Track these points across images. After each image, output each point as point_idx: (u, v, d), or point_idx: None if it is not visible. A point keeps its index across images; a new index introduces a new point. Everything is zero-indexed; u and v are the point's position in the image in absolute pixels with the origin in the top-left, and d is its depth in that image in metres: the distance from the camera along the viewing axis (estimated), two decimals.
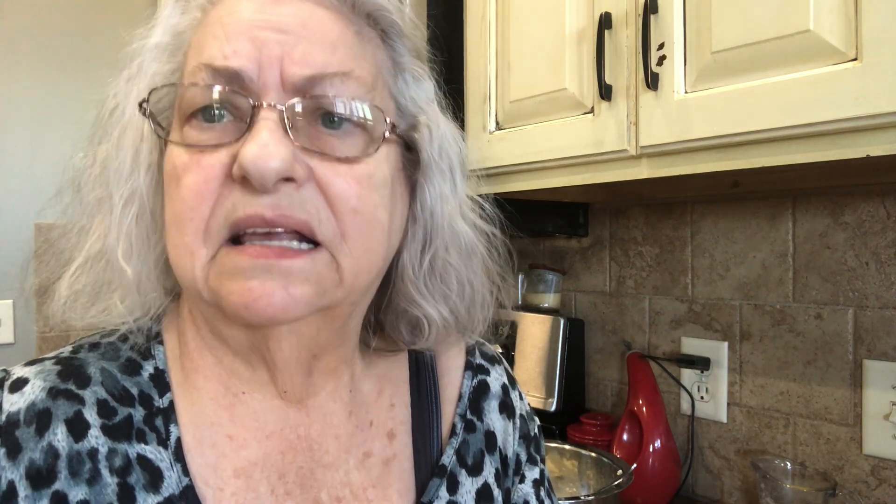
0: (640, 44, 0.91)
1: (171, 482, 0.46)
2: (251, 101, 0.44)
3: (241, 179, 0.42)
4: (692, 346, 1.29)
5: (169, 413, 0.48)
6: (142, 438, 0.47)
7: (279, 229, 0.43)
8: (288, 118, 0.44)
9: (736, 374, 1.24)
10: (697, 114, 0.85)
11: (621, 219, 1.44)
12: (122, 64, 0.51)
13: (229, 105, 0.44)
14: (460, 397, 0.60)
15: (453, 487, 0.55)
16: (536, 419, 0.66)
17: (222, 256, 0.44)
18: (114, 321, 0.49)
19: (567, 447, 1.17)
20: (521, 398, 0.65)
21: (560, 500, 1.07)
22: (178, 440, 0.48)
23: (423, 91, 0.54)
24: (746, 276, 1.22)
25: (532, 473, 0.62)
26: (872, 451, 1.06)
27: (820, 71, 0.75)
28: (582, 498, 1.03)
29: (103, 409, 0.46)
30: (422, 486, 0.55)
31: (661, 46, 0.89)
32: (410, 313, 0.56)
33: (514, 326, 1.47)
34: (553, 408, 1.37)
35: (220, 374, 0.51)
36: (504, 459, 0.60)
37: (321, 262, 0.45)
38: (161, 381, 0.49)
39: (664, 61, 0.89)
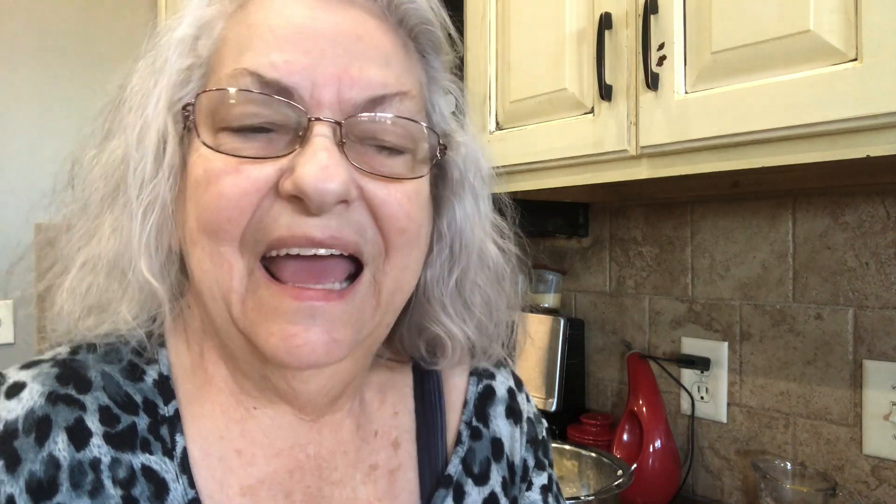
0: (640, 44, 0.91)
1: (177, 495, 0.44)
2: (306, 115, 0.41)
3: (291, 197, 0.41)
4: (692, 346, 1.29)
5: (175, 422, 0.46)
6: (146, 448, 0.45)
7: (323, 251, 0.42)
8: (343, 137, 0.42)
9: (736, 374, 1.24)
10: (697, 114, 0.85)
11: (621, 219, 1.44)
12: (134, 54, 0.48)
13: (278, 117, 0.42)
14: (465, 404, 0.58)
15: (459, 498, 0.54)
16: (544, 421, 0.64)
17: (263, 287, 0.42)
18: (119, 328, 0.47)
19: (567, 447, 1.17)
20: (528, 401, 0.63)
21: None
22: (185, 451, 0.46)
23: (450, 105, 0.53)
24: (746, 276, 1.22)
25: (540, 479, 0.61)
26: (872, 451, 1.06)
27: (820, 71, 0.75)
28: (582, 498, 1.03)
29: (105, 415, 0.44)
30: (427, 497, 0.53)
31: (661, 46, 0.89)
32: (432, 331, 0.54)
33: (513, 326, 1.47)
34: (553, 408, 1.37)
35: (232, 388, 0.49)
36: (511, 466, 0.58)
37: (362, 291, 0.44)
38: (166, 388, 0.47)
39: (664, 61, 0.89)
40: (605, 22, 0.95)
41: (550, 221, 1.43)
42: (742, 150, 0.83)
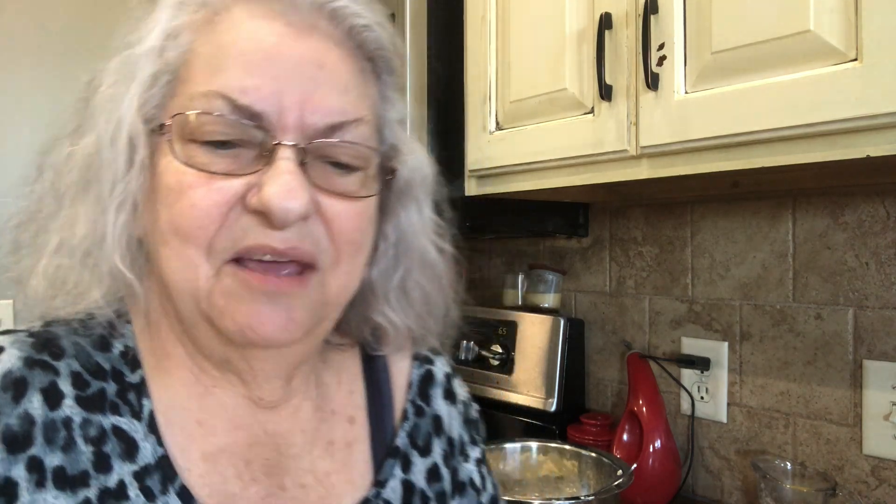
0: (640, 44, 0.91)
1: (147, 452, 0.48)
2: (272, 139, 0.46)
3: (257, 211, 0.45)
4: (692, 346, 1.29)
5: (141, 388, 0.50)
6: (115, 410, 0.48)
7: (285, 259, 0.47)
8: (304, 158, 0.47)
9: (736, 374, 1.24)
10: (697, 114, 0.85)
11: (621, 219, 1.44)
12: (108, 53, 0.51)
13: (246, 136, 0.46)
14: (410, 385, 0.65)
15: (406, 467, 0.60)
16: (475, 405, 0.71)
17: (228, 276, 0.47)
18: (90, 308, 0.50)
19: (567, 447, 1.17)
20: (460, 386, 0.70)
21: (560, 500, 1.07)
22: (152, 413, 0.49)
23: (398, 115, 0.58)
24: (746, 277, 1.22)
25: (474, 453, 0.67)
26: (872, 451, 1.06)
27: (820, 71, 0.75)
28: (582, 498, 1.03)
29: (77, 380, 0.48)
30: (378, 467, 0.59)
31: (661, 47, 0.89)
32: (376, 321, 0.60)
33: (514, 326, 1.47)
34: (553, 408, 1.37)
35: (191, 366, 0.53)
36: (450, 441, 0.64)
37: (314, 286, 0.49)
38: (132, 358, 0.51)
39: (664, 61, 0.89)
40: (605, 22, 0.95)
41: (550, 221, 1.43)
42: (742, 150, 0.83)
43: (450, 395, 0.67)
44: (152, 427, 0.49)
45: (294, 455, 0.55)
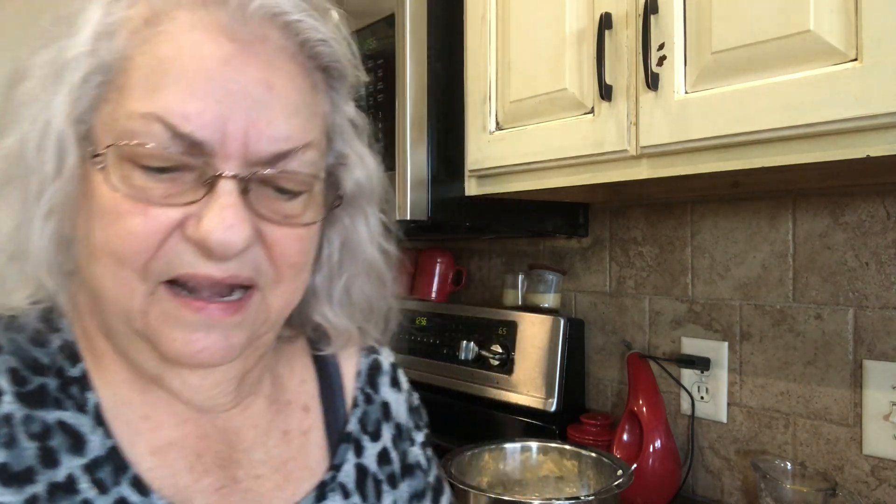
0: (640, 44, 0.91)
1: (95, 445, 0.47)
2: (212, 169, 0.44)
3: (196, 242, 0.44)
4: (692, 346, 1.29)
5: (84, 381, 0.49)
6: (59, 405, 0.48)
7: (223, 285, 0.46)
8: (247, 186, 0.45)
9: (736, 374, 1.24)
10: (697, 114, 0.85)
11: (621, 219, 1.44)
12: (35, 43, 0.47)
13: (186, 162, 0.44)
14: (359, 374, 0.67)
15: (359, 451, 0.62)
16: (416, 393, 0.73)
17: (165, 300, 0.45)
18: (20, 306, 0.49)
19: (567, 447, 1.17)
20: (403, 375, 0.73)
21: (560, 500, 1.07)
22: (97, 405, 0.49)
23: (349, 116, 0.56)
24: (746, 277, 1.22)
25: (419, 437, 0.70)
26: (872, 451, 1.06)
27: (820, 71, 0.75)
28: (582, 498, 1.03)
29: (15, 377, 0.47)
30: (333, 452, 0.61)
31: (661, 47, 0.89)
32: (318, 322, 0.61)
33: (514, 326, 1.47)
34: (553, 408, 1.37)
35: (128, 366, 0.51)
36: (398, 427, 0.67)
37: (254, 305, 0.48)
38: (71, 352, 0.50)
39: (664, 61, 0.89)
40: (605, 22, 0.95)
41: (550, 221, 1.43)
42: (742, 150, 0.83)
43: (395, 384, 0.69)
44: (99, 419, 0.48)
45: (246, 449, 0.55)
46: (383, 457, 0.64)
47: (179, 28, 0.44)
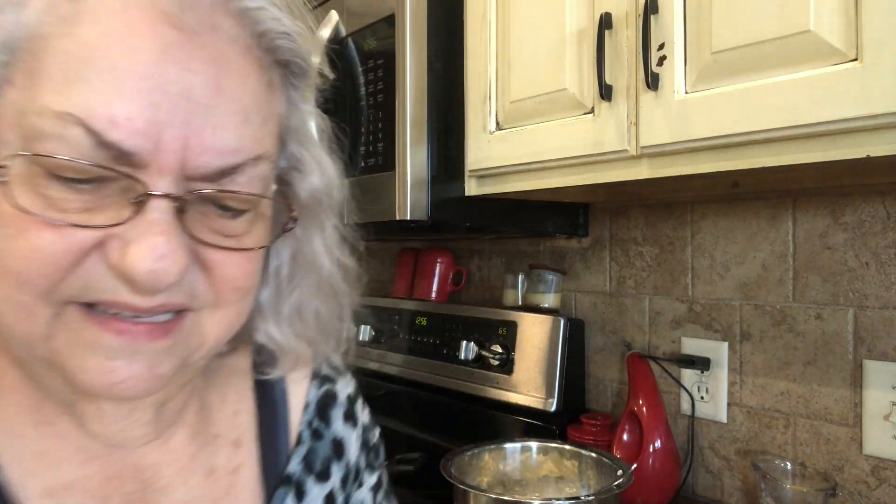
0: (640, 44, 0.91)
1: None
2: (143, 186, 0.36)
3: (121, 274, 0.37)
4: (692, 346, 1.29)
5: None
6: None
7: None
8: (183, 206, 0.38)
9: (736, 374, 1.24)
10: (697, 114, 0.85)
11: (621, 219, 1.44)
12: None
13: (110, 175, 0.36)
14: (307, 406, 0.59)
15: (300, 496, 0.54)
16: (377, 428, 0.66)
17: (75, 322, 0.38)
18: None
19: (567, 447, 1.17)
20: (363, 409, 0.64)
21: (560, 500, 1.07)
22: None
23: (307, 121, 0.49)
24: (746, 277, 1.22)
25: (370, 480, 0.63)
26: (872, 451, 1.06)
27: (820, 71, 0.75)
28: (582, 498, 1.03)
29: None
30: (269, 496, 0.53)
31: (661, 47, 0.89)
32: (263, 343, 0.54)
33: (514, 326, 1.47)
34: (553, 408, 1.37)
35: (28, 391, 0.44)
36: (348, 465, 0.60)
37: (187, 327, 0.41)
38: None
39: (664, 61, 0.89)
40: (605, 22, 0.95)
41: (550, 221, 1.43)
42: (742, 150, 0.83)
43: (351, 418, 0.61)
44: None
45: (162, 487, 0.48)
46: (330, 501, 0.57)
47: (109, 7, 0.36)
